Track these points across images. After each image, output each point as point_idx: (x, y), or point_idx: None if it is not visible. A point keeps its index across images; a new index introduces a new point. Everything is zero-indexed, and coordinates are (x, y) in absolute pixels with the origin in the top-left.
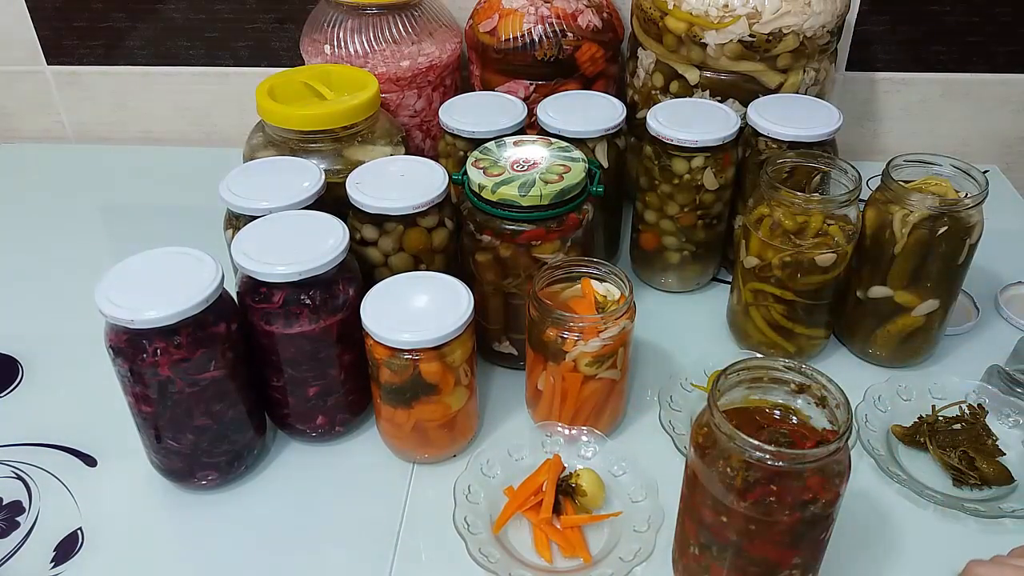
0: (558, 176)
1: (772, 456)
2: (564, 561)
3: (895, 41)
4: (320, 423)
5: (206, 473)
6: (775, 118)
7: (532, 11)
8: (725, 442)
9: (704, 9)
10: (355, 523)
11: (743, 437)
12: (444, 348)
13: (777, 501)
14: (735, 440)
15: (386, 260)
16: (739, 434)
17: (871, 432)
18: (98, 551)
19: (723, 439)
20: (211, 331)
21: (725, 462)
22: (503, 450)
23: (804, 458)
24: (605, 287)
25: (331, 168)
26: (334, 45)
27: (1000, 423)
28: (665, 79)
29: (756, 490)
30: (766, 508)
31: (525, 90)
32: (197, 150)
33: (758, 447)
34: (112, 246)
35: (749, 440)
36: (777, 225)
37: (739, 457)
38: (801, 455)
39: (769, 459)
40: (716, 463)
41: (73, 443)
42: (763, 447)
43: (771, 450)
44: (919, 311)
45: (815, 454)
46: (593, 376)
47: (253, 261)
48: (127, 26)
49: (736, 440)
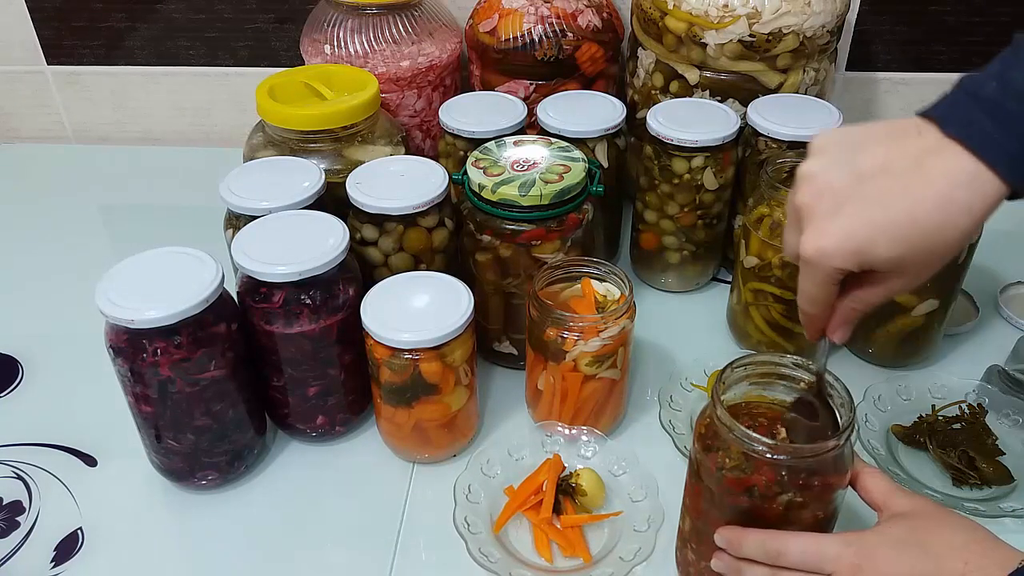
0: (558, 176)
1: (771, 450)
2: (564, 561)
3: (895, 41)
4: (320, 423)
5: (206, 473)
6: (775, 118)
7: (532, 11)
8: (726, 435)
9: (704, 9)
10: (355, 523)
11: (741, 428)
12: (444, 348)
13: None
14: (734, 431)
15: (386, 260)
16: (740, 427)
17: (871, 432)
18: (98, 551)
19: (724, 432)
20: (211, 331)
21: (726, 455)
22: (503, 450)
23: (803, 452)
24: (605, 287)
25: (331, 168)
26: (334, 45)
27: (1000, 423)
28: (665, 79)
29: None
30: (766, 503)
31: (525, 90)
32: (197, 150)
33: (758, 440)
34: (112, 246)
35: (749, 433)
36: (777, 225)
37: (739, 451)
38: (801, 450)
39: (769, 453)
40: (717, 456)
41: (73, 443)
42: (763, 440)
43: (771, 444)
44: (919, 311)
45: (815, 449)
46: (593, 376)
47: (253, 261)
48: (127, 26)
49: (735, 431)
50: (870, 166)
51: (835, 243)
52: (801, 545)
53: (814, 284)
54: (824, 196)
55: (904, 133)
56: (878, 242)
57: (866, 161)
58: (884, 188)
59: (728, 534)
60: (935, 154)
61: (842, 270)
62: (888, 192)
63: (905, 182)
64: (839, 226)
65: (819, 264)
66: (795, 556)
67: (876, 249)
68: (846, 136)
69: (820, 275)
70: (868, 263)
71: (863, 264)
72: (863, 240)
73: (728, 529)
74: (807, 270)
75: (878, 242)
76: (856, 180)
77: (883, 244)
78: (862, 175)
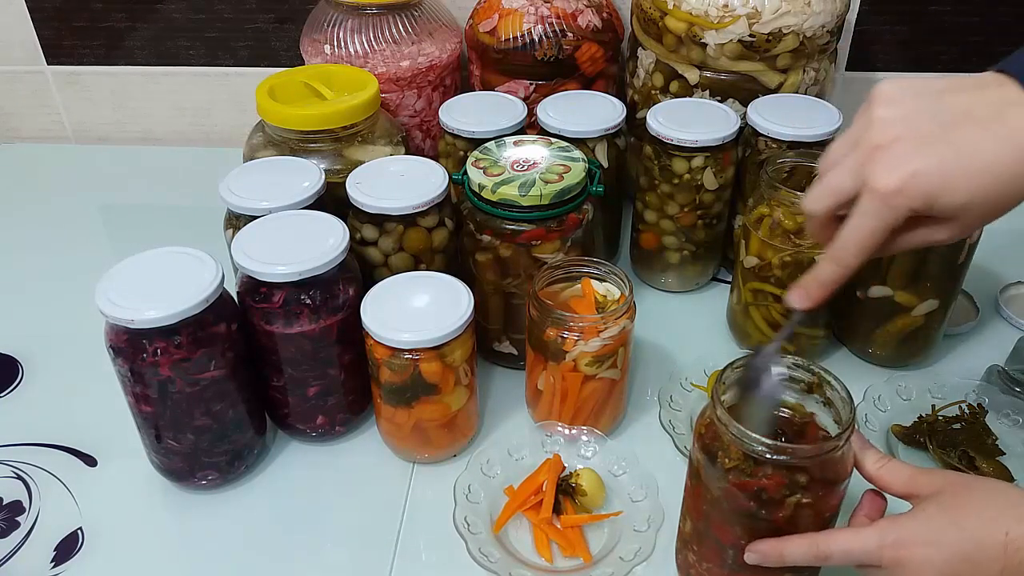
0: (558, 176)
1: (772, 450)
2: (564, 561)
3: (895, 41)
4: (320, 423)
5: (206, 473)
6: (775, 118)
7: (532, 11)
8: (726, 435)
9: (704, 9)
10: (355, 523)
11: (741, 428)
12: (444, 348)
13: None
14: (729, 427)
15: (386, 260)
16: (738, 426)
17: (871, 432)
18: (98, 551)
19: (723, 431)
20: (211, 331)
21: (725, 456)
22: (503, 450)
23: (804, 452)
24: (605, 287)
25: (331, 168)
26: (334, 45)
27: (1000, 423)
28: (665, 79)
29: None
30: (767, 504)
31: (525, 90)
32: (197, 150)
33: (758, 440)
34: (112, 246)
35: (748, 433)
36: (777, 225)
37: (739, 450)
38: (800, 450)
39: (769, 453)
40: (717, 456)
41: (73, 443)
42: (763, 441)
43: (771, 444)
44: (919, 311)
45: (814, 450)
46: (593, 376)
47: (253, 261)
48: (127, 26)
49: (731, 428)
50: (954, 112)
51: (916, 182)
52: (840, 544)
53: (880, 222)
54: (905, 137)
55: (984, 84)
56: (957, 186)
57: (950, 107)
58: (968, 134)
59: (763, 547)
60: (1016, 106)
61: (912, 209)
62: (972, 138)
63: (990, 130)
64: (920, 166)
65: (891, 202)
66: (838, 557)
67: (952, 192)
68: (922, 84)
69: (891, 214)
70: (937, 205)
71: (930, 206)
72: (942, 182)
73: (763, 543)
74: (875, 207)
75: (957, 186)
76: (940, 124)
77: (961, 188)
78: (946, 120)
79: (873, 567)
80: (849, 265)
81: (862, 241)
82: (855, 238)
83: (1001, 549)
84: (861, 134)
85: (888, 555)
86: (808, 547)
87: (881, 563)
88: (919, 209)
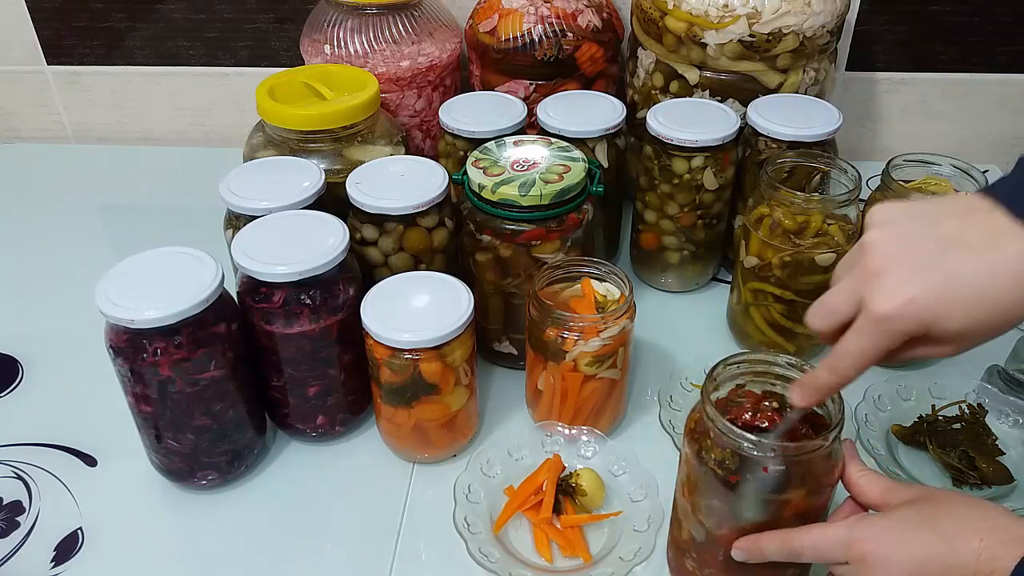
0: (558, 176)
1: (759, 447)
2: (564, 561)
3: (895, 41)
4: (320, 423)
5: (206, 473)
6: (775, 118)
7: (532, 11)
8: (714, 432)
9: (704, 9)
10: (355, 523)
11: (728, 425)
12: (444, 348)
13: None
14: (719, 426)
15: (386, 260)
16: (724, 422)
17: (871, 432)
18: (98, 551)
19: (712, 428)
20: (211, 331)
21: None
22: (503, 450)
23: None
24: (605, 287)
25: (331, 168)
26: (334, 45)
27: (1000, 423)
28: (665, 79)
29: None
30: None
31: (525, 90)
32: (197, 150)
33: (745, 438)
34: (112, 246)
35: (734, 429)
36: (777, 225)
37: (729, 448)
38: (789, 447)
39: (756, 450)
40: (707, 453)
41: (73, 443)
42: (750, 438)
43: (756, 440)
44: None
45: (800, 448)
46: (593, 376)
47: (253, 261)
48: (127, 26)
49: (722, 427)
50: (948, 237)
51: (911, 309)
52: (811, 539)
53: (874, 344)
54: (901, 261)
55: (975, 208)
56: (953, 313)
57: (944, 232)
58: (963, 261)
59: (745, 544)
60: (1007, 234)
61: (907, 333)
62: (967, 265)
63: (983, 258)
64: (916, 292)
65: (887, 327)
66: (809, 552)
67: (948, 319)
68: (915, 208)
69: (885, 337)
70: (933, 330)
71: (927, 330)
72: (937, 309)
73: (743, 540)
74: (870, 330)
75: (953, 313)
76: (936, 249)
77: (957, 315)
78: (942, 245)
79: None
80: (847, 376)
81: (858, 359)
82: (852, 354)
83: (974, 555)
84: (858, 257)
85: (855, 550)
86: (781, 543)
87: (847, 558)
88: (915, 333)
